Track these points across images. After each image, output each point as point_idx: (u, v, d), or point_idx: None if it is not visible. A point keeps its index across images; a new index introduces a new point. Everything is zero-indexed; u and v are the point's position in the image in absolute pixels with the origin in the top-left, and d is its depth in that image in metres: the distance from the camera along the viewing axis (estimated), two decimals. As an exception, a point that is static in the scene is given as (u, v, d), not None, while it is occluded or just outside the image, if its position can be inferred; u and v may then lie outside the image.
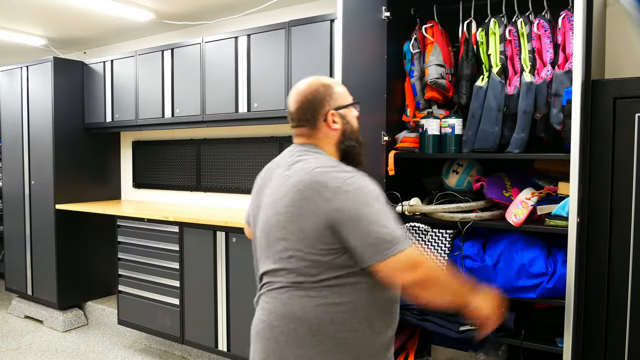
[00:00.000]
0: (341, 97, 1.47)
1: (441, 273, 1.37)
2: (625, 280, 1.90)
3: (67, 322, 3.96)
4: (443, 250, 2.38)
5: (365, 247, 1.26)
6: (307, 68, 2.89)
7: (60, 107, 3.95)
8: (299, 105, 1.45)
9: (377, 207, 1.28)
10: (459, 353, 2.54)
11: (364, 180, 1.32)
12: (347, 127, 1.47)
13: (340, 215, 1.27)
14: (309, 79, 1.49)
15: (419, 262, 1.28)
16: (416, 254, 1.28)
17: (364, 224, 1.26)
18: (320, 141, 1.45)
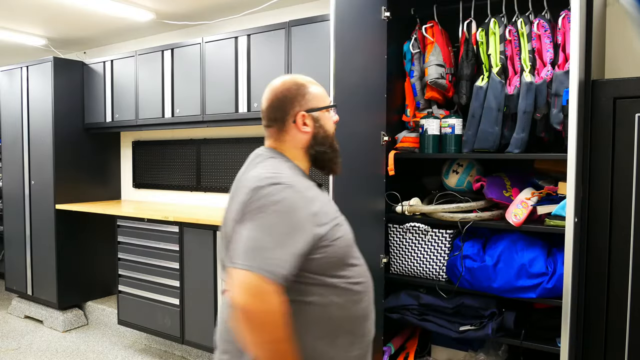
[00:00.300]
0: (316, 99, 1.35)
1: (273, 338, 1.13)
2: (625, 280, 1.90)
3: (67, 322, 3.96)
4: (443, 250, 2.38)
5: (235, 248, 1.17)
6: (307, 68, 2.89)
7: (60, 107, 3.95)
8: (269, 104, 1.35)
9: (271, 218, 1.16)
10: (459, 353, 2.54)
11: (284, 188, 1.19)
12: (319, 131, 1.35)
13: (244, 214, 1.19)
14: (285, 77, 1.39)
15: (256, 293, 1.10)
16: (257, 284, 1.10)
17: (250, 227, 1.16)
18: (287, 144, 1.35)
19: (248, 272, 1.11)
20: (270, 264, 1.12)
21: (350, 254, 1.29)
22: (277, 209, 1.17)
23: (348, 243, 1.29)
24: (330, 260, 1.23)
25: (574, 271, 1.87)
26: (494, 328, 2.21)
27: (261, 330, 1.12)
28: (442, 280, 2.39)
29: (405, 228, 2.44)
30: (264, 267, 1.11)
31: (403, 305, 2.45)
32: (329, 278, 1.24)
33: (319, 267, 1.22)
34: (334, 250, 1.23)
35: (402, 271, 2.49)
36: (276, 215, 1.16)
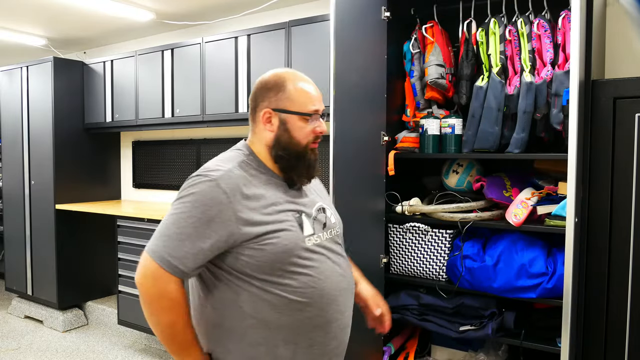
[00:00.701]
0: (290, 101, 1.27)
1: (161, 318, 1.19)
2: (625, 280, 1.90)
3: (67, 322, 3.96)
4: (443, 250, 2.38)
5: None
6: (307, 68, 2.88)
7: (60, 107, 3.95)
8: (251, 92, 1.35)
9: (182, 208, 1.17)
10: (459, 353, 2.54)
11: (206, 182, 1.18)
12: (282, 135, 1.27)
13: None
14: (275, 69, 1.35)
15: (151, 277, 1.16)
16: (152, 270, 1.16)
17: (167, 213, 1.21)
18: (256, 136, 1.32)
19: (148, 256, 1.17)
20: (169, 255, 1.15)
21: (289, 261, 1.21)
22: (191, 200, 1.17)
23: (285, 250, 1.20)
24: (259, 264, 1.19)
25: (574, 271, 1.87)
26: (494, 328, 2.21)
27: (153, 311, 1.19)
28: (442, 280, 2.39)
29: (405, 228, 2.44)
30: (163, 256, 1.16)
31: (403, 305, 2.45)
32: (259, 282, 1.20)
33: (246, 268, 1.19)
34: (263, 254, 1.18)
35: (402, 271, 2.49)
36: (189, 207, 1.17)
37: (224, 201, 1.17)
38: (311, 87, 1.32)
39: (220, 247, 1.18)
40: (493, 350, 2.40)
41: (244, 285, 1.20)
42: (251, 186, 1.22)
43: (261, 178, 1.27)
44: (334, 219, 1.40)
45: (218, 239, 1.16)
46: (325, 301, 1.25)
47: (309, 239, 1.26)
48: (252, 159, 1.29)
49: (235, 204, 1.17)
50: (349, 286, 1.35)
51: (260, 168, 1.28)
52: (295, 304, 1.21)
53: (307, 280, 1.23)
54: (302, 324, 1.23)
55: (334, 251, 1.33)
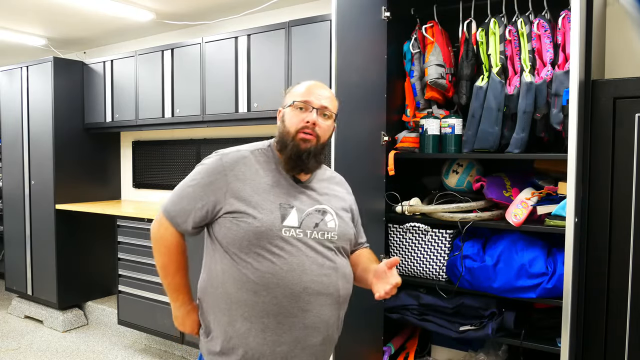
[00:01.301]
0: (291, 96, 1.43)
1: (164, 254, 1.45)
2: (625, 280, 1.90)
3: (67, 322, 3.96)
4: (443, 250, 2.38)
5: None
6: (307, 68, 2.89)
7: (60, 107, 3.95)
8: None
9: (191, 174, 1.42)
10: (459, 353, 2.54)
11: (215, 156, 1.41)
12: (280, 126, 1.44)
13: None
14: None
15: (156, 223, 1.44)
16: (159, 217, 1.43)
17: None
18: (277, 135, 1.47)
19: (160, 208, 1.45)
20: (171, 208, 1.42)
21: (259, 244, 1.31)
22: (199, 169, 1.41)
23: (256, 232, 1.31)
24: (234, 237, 1.33)
25: (574, 271, 1.87)
26: (494, 328, 2.21)
27: (154, 251, 1.46)
28: (442, 280, 2.39)
29: (405, 228, 2.44)
30: (166, 208, 1.43)
31: (403, 305, 2.45)
32: (232, 254, 1.33)
33: (224, 239, 1.35)
34: (238, 229, 1.32)
35: (402, 271, 2.49)
36: (194, 174, 1.41)
37: (221, 172, 1.36)
38: (314, 84, 1.43)
39: (209, 211, 1.37)
40: (493, 350, 2.40)
41: (221, 254, 1.36)
42: (252, 167, 1.38)
43: (268, 166, 1.41)
44: (334, 225, 1.40)
45: (208, 201, 1.36)
46: (282, 292, 1.30)
47: (288, 229, 1.33)
48: (268, 150, 1.45)
49: (229, 177, 1.35)
50: (325, 290, 1.34)
51: (272, 160, 1.43)
52: (251, 284, 1.31)
53: (269, 267, 1.31)
54: (256, 306, 1.31)
55: (318, 252, 1.35)
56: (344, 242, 1.44)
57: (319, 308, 1.35)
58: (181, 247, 1.45)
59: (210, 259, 1.42)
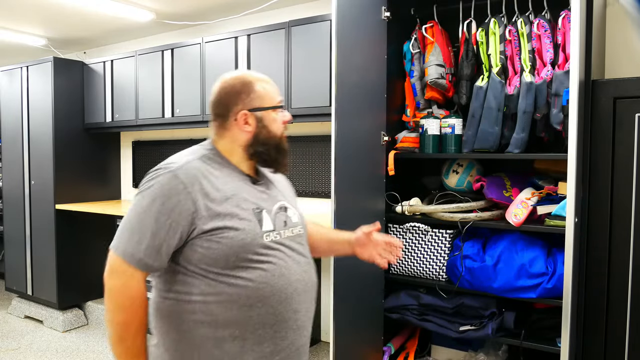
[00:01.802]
0: (261, 98, 1.31)
1: (118, 317, 1.19)
2: (625, 280, 1.90)
3: (67, 322, 3.96)
4: (443, 250, 2.38)
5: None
6: (307, 68, 2.89)
7: (60, 107, 3.95)
8: (214, 98, 1.34)
9: (143, 202, 1.19)
10: (459, 353, 2.54)
11: (166, 174, 1.20)
12: (261, 131, 1.31)
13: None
14: (235, 72, 1.36)
15: (114, 272, 1.20)
16: (116, 264, 1.19)
17: (129, 209, 1.24)
18: (225, 139, 1.32)
19: (113, 253, 1.21)
20: (133, 248, 1.18)
21: (245, 256, 1.21)
22: (151, 193, 1.19)
23: (242, 245, 1.21)
24: (215, 257, 1.19)
25: (574, 271, 1.87)
26: (494, 328, 2.21)
27: (111, 307, 1.20)
28: (442, 280, 2.39)
29: (405, 228, 2.44)
30: (126, 250, 1.19)
31: (403, 305, 2.45)
32: (213, 275, 1.20)
33: (201, 262, 1.20)
34: (220, 247, 1.19)
35: (402, 271, 2.49)
36: (148, 200, 1.19)
37: (183, 191, 1.18)
38: (270, 80, 1.37)
39: (182, 237, 1.19)
40: (493, 350, 2.40)
41: (196, 278, 1.21)
42: (211, 177, 1.24)
43: (223, 171, 1.28)
44: (296, 219, 1.39)
45: (179, 229, 1.18)
46: (277, 299, 1.25)
47: (268, 234, 1.27)
48: (214, 153, 1.31)
49: (194, 194, 1.19)
50: (307, 287, 1.34)
51: (223, 162, 1.30)
52: (244, 299, 1.21)
53: (260, 276, 1.23)
54: (250, 320, 1.23)
55: (294, 249, 1.33)
56: (306, 233, 1.43)
57: (305, 306, 1.33)
58: (147, 300, 1.22)
59: (172, 285, 1.23)
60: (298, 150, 3.36)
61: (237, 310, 1.21)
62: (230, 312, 1.21)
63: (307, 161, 3.36)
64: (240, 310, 1.22)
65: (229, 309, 1.21)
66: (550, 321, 2.17)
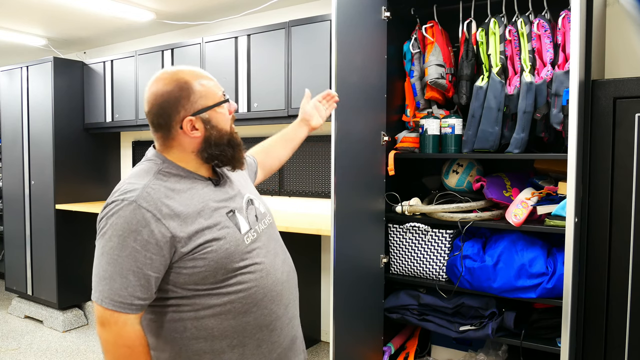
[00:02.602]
0: (203, 98, 1.19)
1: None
2: (625, 280, 1.90)
3: (67, 322, 3.96)
4: (443, 250, 2.38)
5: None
6: (307, 68, 2.90)
7: (60, 107, 3.95)
8: (149, 109, 1.19)
9: (111, 243, 1.09)
10: (459, 353, 2.54)
11: (125, 206, 1.10)
12: (211, 133, 1.20)
13: (97, 231, 1.15)
14: (166, 74, 1.20)
15: (106, 324, 1.10)
16: (105, 316, 1.09)
17: (96, 253, 1.12)
18: (174, 149, 1.21)
19: (98, 305, 1.10)
20: (118, 295, 1.08)
21: (232, 266, 1.17)
22: (116, 232, 1.09)
23: (227, 255, 1.16)
24: (204, 274, 1.14)
25: (574, 271, 1.87)
26: (494, 328, 2.21)
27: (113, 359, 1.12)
28: (442, 280, 2.39)
29: (405, 228, 2.44)
30: (112, 299, 1.08)
31: (403, 305, 2.45)
32: (203, 291, 1.15)
33: (189, 282, 1.14)
34: (206, 263, 1.13)
35: (402, 271, 2.49)
36: (117, 241, 1.08)
37: (151, 219, 1.09)
38: (206, 73, 1.25)
39: (166, 265, 1.12)
40: (493, 350, 2.40)
41: (185, 299, 1.16)
42: (174, 195, 1.15)
43: (184, 183, 1.19)
44: (263, 209, 1.35)
45: (162, 260, 1.10)
46: (269, 299, 1.23)
47: (247, 236, 1.22)
48: (168, 166, 1.20)
49: (164, 219, 1.10)
50: (289, 276, 1.32)
51: (180, 173, 1.20)
52: (239, 306, 1.18)
53: (250, 280, 1.19)
54: (247, 326, 1.20)
55: (270, 242, 1.30)
56: (273, 219, 1.40)
57: (292, 296, 1.32)
58: (146, 341, 1.15)
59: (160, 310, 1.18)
60: (298, 150, 3.36)
61: (233, 319, 1.18)
62: (226, 323, 1.17)
63: (307, 161, 3.36)
64: (236, 319, 1.18)
65: (224, 320, 1.17)
66: (550, 321, 2.17)
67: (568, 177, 1.85)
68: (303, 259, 3.32)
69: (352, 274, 2.16)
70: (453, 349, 2.57)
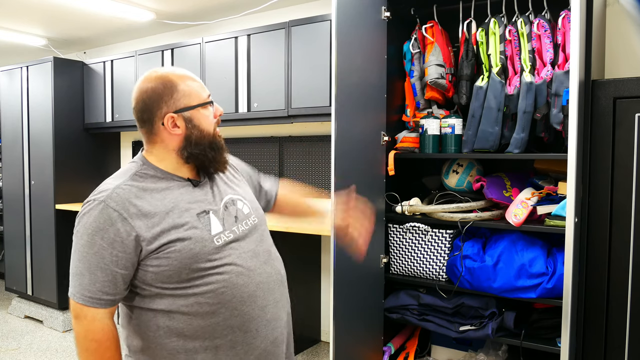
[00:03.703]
0: (187, 97, 1.23)
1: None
2: (625, 280, 1.90)
3: (67, 322, 3.96)
4: (443, 250, 2.38)
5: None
6: (307, 68, 2.90)
7: (60, 107, 3.95)
8: (135, 105, 1.25)
9: (82, 241, 1.15)
10: (459, 353, 2.54)
11: (95, 206, 1.15)
12: (192, 132, 1.24)
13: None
14: (153, 73, 1.26)
15: (76, 317, 1.16)
16: (77, 310, 1.15)
17: (72, 250, 1.18)
18: (157, 145, 1.26)
19: (71, 300, 1.16)
20: (87, 290, 1.14)
21: (197, 266, 1.18)
22: (86, 230, 1.15)
23: (191, 255, 1.17)
24: (168, 273, 1.17)
25: (574, 271, 1.87)
26: (494, 328, 2.21)
27: (83, 354, 1.16)
28: (442, 280, 2.39)
29: (405, 228, 2.44)
30: (82, 293, 1.14)
31: (403, 305, 2.45)
32: (170, 291, 1.18)
33: (155, 280, 1.17)
34: (170, 263, 1.16)
35: (402, 271, 2.49)
36: (86, 238, 1.14)
37: (118, 219, 1.14)
38: (193, 75, 1.30)
39: (134, 263, 1.16)
40: (493, 350, 2.40)
41: (155, 297, 1.19)
42: (145, 195, 1.19)
43: (159, 185, 1.23)
44: (248, 209, 1.34)
45: (128, 257, 1.15)
46: (239, 300, 1.22)
47: (219, 237, 1.23)
48: (146, 168, 1.24)
49: (130, 218, 1.15)
50: (270, 278, 1.31)
51: (157, 174, 1.24)
52: (207, 307, 1.19)
53: (218, 281, 1.20)
54: (217, 327, 1.20)
55: (250, 242, 1.30)
56: (263, 222, 1.39)
57: (274, 297, 1.31)
58: (115, 336, 1.19)
59: (131, 310, 1.22)
60: (298, 150, 3.36)
61: (202, 320, 1.19)
62: (195, 323, 1.19)
63: (307, 161, 3.36)
64: (205, 320, 1.19)
65: (193, 320, 1.19)
66: (550, 321, 2.17)
67: (568, 177, 1.85)
68: (303, 259, 3.32)
69: (352, 274, 2.16)
70: (453, 349, 2.57)
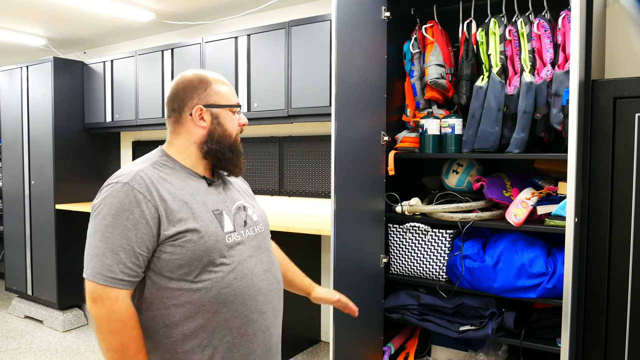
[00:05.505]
0: (218, 96, 1.30)
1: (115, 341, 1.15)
2: (625, 280, 1.90)
3: (67, 322, 3.96)
4: (443, 250, 2.38)
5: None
6: (307, 68, 2.90)
7: (60, 107, 3.95)
8: (170, 93, 1.32)
9: (105, 222, 1.15)
10: (459, 353, 2.54)
11: (120, 187, 1.17)
12: (216, 129, 1.29)
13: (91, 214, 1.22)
14: (192, 70, 1.34)
15: (98, 299, 1.14)
16: (97, 291, 1.13)
17: (89, 233, 1.18)
18: (181, 137, 1.31)
19: (89, 281, 1.15)
20: (109, 270, 1.13)
21: (208, 260, 1.20)
22: (109, 211, 1.15)
23: (205, 248, 1.19)
24: (179, 262, 1.18)
25: (574, 271, 1.87)
26: (494, 328, 2.21)
27: (103, 336, 1.15)
28: (442, 280, 2.39)
29: (405, 228, 2.44)
30: (103, 274, 1.13)
31: (403, 305, 2.45)
32: (175, 283, 1.19)
33: (165, 269, 1.19)
34: (184, 252, 1.18)
35: (402, 271, 2.49)
36: (110, 219, 1.15)
37: (142, 200, 1.16)
38: (227, 82, 1.37)
39: (154, 245, 1.17)
40: (493, 350, 2.40)
41: (160, 288, 1.20)
42: (166, 184, 1.22)
43: (178, 176, 1.26)
44: (257, 217, 1.38)
45: (150, 238, 1.16)
46: (240, 301, 1.24)
47: (229, 236, 1.25)
48: (166, 159, 1.29)
49: (154, 201, 1.17)
50: (271, 286, 1.32)
51: (176, 167, 1.28)
52: (208, 305, 1.20)
53: (223, 280, 1.21)
54: (217, 327, 1.21)
55: (256, 249, 1.32)
56: (268, 232, 1.42)
57: (272, 305, 1.32)
58: (137, 317, 1.18)
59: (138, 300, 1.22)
60: (298, 150, 3.36)
61: (201, 317, 1.20)
62: (195, 322, 1.20)
63: (307, 161, 3.36)
64: (204, 317, 1.20)
65: (194, 319, 1.20)
66: (550, 321, 2.17)
67: (568, 177, 1.85)
68: (303, 259, 3.32)
69: (352, 274, 2.16)
70: (453, 349, 2.57)
